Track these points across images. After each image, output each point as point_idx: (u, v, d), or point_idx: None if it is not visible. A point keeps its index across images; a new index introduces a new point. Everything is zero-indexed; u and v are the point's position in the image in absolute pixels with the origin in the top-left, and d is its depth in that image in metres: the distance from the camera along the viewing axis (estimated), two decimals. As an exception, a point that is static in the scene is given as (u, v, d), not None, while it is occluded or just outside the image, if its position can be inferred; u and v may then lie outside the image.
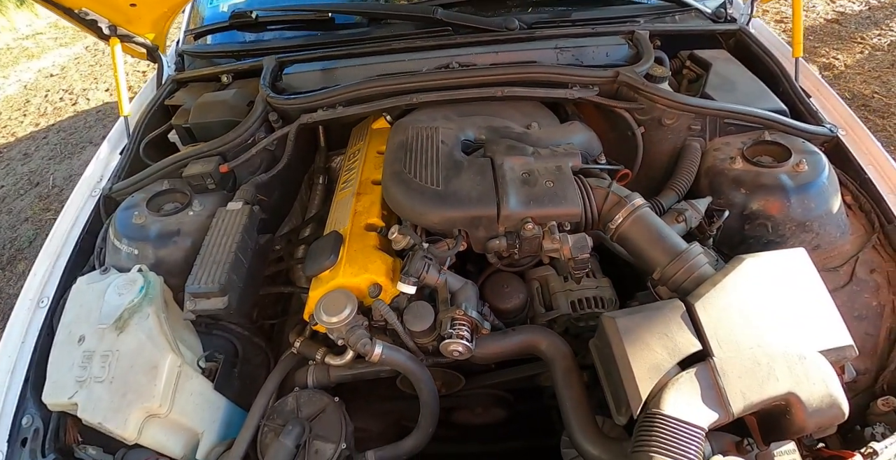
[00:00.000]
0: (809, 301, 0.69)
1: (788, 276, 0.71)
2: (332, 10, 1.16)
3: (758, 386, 0.60)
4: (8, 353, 0.88)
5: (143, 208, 0.96)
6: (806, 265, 0.73)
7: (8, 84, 5.13)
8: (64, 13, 1.12)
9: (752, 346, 0.64)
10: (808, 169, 0.91)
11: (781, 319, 0.67)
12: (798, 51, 1.19)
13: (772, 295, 0.69)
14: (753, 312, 0.67)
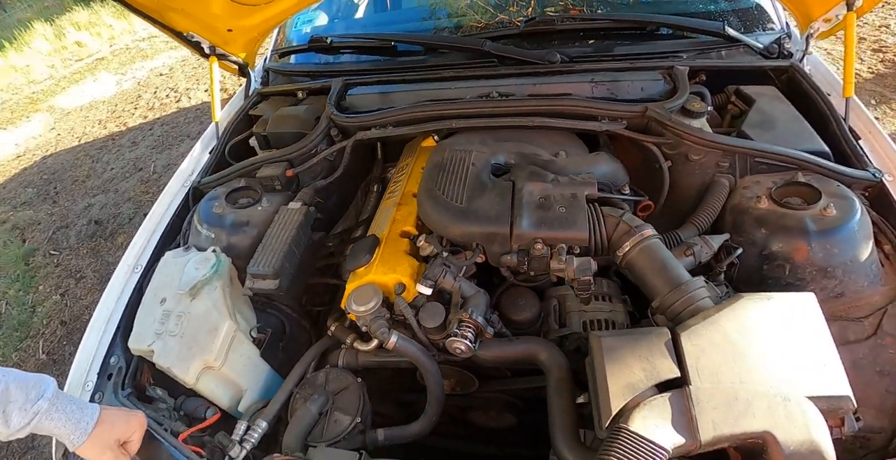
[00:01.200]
0: (808, 346, 0.69)
1: (789, 319, 0.72)
2: (395, 40, 1.32)
3: (732, 420, 0.62)
4: (107, 306, 1.08)
5: (222, 200, 1.16)
6: (812, 310, 0.73)
7: (125, 80, 5.84)
8: (174, 34, 1.35)
9: (733, 381, 0.66)
10: (837, 213, 0.89)
11: (772, 360, 0.68)
12: (849, 91, 1.16)
13: (766, 335, 0.70)
14: (742, 349, 0.68)
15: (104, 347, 1.00)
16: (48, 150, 4.86)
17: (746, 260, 0.95)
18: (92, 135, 4.79)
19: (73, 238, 3.36)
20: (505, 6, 1.66)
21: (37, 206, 3.94)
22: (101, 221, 3.38)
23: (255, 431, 0.88)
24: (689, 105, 1.10)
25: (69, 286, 2.97)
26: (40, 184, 4.27)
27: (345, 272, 1.08)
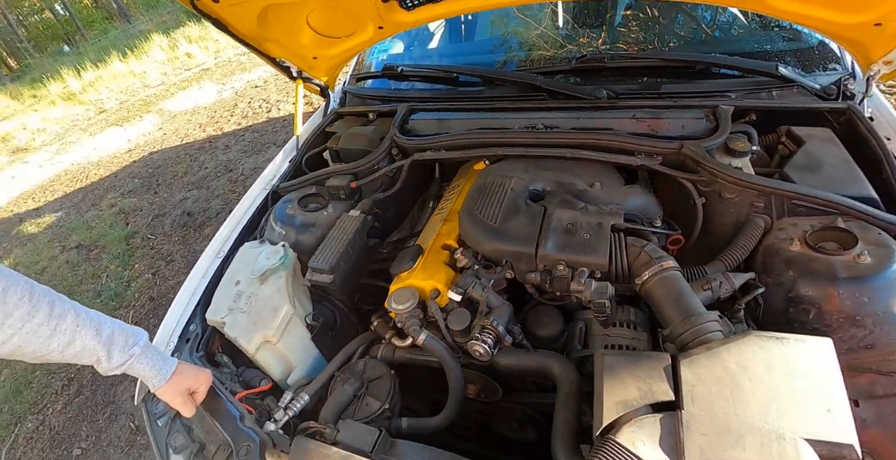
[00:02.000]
0: (815, 390, 0.69)
1: (798, 361, 0.72)
2: (457, 72, 1.46)
3: (719, 449, 0.65)
4: (192, 283, 1.27)
5: (295, 204, 1.33)
6: (825, 355, 0.73)
7: (225, 89, 6.48)
8: (268, 59, 1.56)
9: (727, 412, 0.68)
10: (872, 261, 0.88)
11: (772, 398, 0.68)
12: None
13: (770, 373, 0.71)
14: (741, 383, 0.70)
15: (186, 316, 1.18)
16: (155, 147, 5.49)
17: (773, 301, 0.96)
18: (193, 136, 5.36)
19: (168, 225, 3.80)
20: (574, 37, 1.76)
21: (140, 195, 4.48)
22: (193, 213, 3.79)
23: (299, 402, 1.02)
24: (732, 144, 1.14)
25: (160, 267, 3.36)
26: (145, 176, 4.84)
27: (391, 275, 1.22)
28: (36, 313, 0.78)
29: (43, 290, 0.81)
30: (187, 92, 7.12)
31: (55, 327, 0.80)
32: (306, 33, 1.48)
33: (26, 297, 0.77)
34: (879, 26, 1.13)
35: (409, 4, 1.29)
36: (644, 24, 1.68)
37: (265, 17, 1.38)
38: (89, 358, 0.86)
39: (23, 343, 0.78)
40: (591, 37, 1.72)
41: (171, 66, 9.12)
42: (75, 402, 2.58)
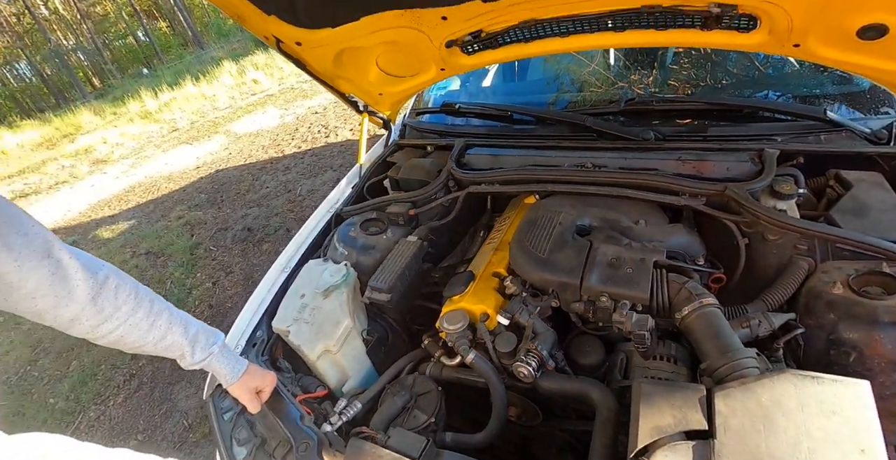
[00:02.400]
0: (849, 430, 0.71)
1: (833, 401, 0.74)
2: (511, 111, 1.57)
3: None
4: (260, 293, 1.39)
5: (357, 227, 1.46)
6: (861, 398, 0.75)
7: (287, 114, 6.91)
8: (338, 94, 1.73)
9: (758, 445, 0.71)
10: None
11: (804, 435, 0.71)
12: None
13: (802, 411, 0.74)
14: (774, 419, 0.73)
15: (254, 323, 1.30)
16: (221, 165, 5.90)
17: (814, 343, 0.99)
18: (256, 157, 5.74)
19: (230, 239, 4.06)
20: (626, 75, 1.85)
21: (206, 209, 4.81)
22: (253, 229, 4.05)
23: (352, 408, 1.11)
24: (778, 187, 1.19)
25: (220, 277, 3.60)
26: (211, 191, 5.20)
27: (444, 298, 1.31)
28: (139, 309, 0.91)
29: (145, 290, 0.95)
30: (252, 115, 7.64)
31: (153, 322, 0.94)
32: (374, 72, 1.64)
33: (132, 295, 0.91)
34: None
35: (469, 50, 1.42)
36: (696, 62, 1.75)
37: (340, 58, 1.55)
38: (176, 352, 0.99)
39: (125, 334, 0.91)
40: (642, 74, 1.80)
41: (239, 90, 9.81)
42: (135, 397, 2.80)
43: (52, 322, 0.85)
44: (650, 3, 1.16)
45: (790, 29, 1.15)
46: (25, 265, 0.76)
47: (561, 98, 1.83)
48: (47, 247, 0.79)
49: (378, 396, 1.18)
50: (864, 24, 1.09)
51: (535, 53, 1.37)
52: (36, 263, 0.77)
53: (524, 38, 1.32)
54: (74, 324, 0.86)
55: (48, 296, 0.80)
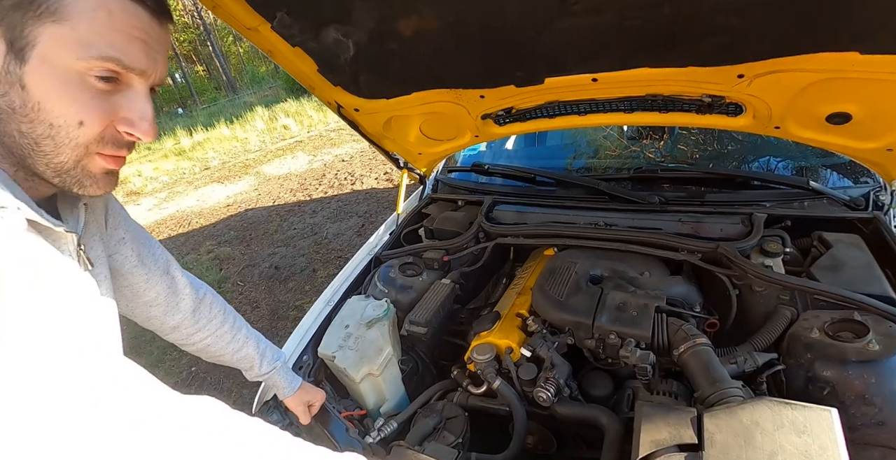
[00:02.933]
0: (817, 447, 0.83)
1: (804, 422, 0.88)
2: (535, 173, 1.82)
3: None
4: (306, 323, 1.55)
5: (396, 269, 1.67)
6: (827, 421, 0.88)
7: (315, 161, 7.31)
8: (383, 151, 1.99)
9: (739, 456, 0.84)
10: (879, 349, 1.04)
11: (779, 449, 0.83)
12: None
13: (779, 430, 0.87)
14: (752, 436, 0.87)
15: (300, 349, 1.46)
16: (250, 205, 6.23)
17: (794, 380, 1.14)
18: (284, 199, 6.07)
19: (257, 276, 4.29)
20: (638, 138, 2.11)
21: (234, 246, 5.07)
22: (280, 268, 4.27)
23: (388, 427, 1.28)
24: (766, 246, 1.38)
25: (246, 311, 3.79)
26: (240, 229, 5.49)
27: (471, 335, 1.49)
28: (225, 323, 1.12)
29: (231, 309, 1.16)
30: (282, 159, 8.09)
31: (234, 336, 1.14)
32: (415, 135, 1.90)
33: (222, 311, 1.12)
34: (892, 151, 1.38)
35: (501, 122, 1.69)
36: (701, 132, 2.01)
37: (389, 123, 1.82)
38: (247, 364, 1.18)
39: (212, 343, 1.11)
40: (653, 138, 2.06)
41: (270, 135, 10.39)
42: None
43: (157, 327, 1.05)
44: (653, 93, 1.42)
45: (770, 115, 1.39)
46: (151, 279, 0.97)
47: (578, 161, 2.08)
48: (167, 266, 1.01)
49: (410, 418, 1.34)
50: (830, 112, 1.32)
51: (557, 127, 1.63)
52: (158, 278, 0.99)
53: (549, 115, 1.58)
54: (175, 330, 1.06)
55: (161, 305, 1.01)
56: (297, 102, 12.01)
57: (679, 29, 1.12)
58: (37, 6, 0.55)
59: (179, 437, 0.54)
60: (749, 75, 1.25)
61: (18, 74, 0.56)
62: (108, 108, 0.61)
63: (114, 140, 0.64)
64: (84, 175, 0.64)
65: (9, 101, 0.57)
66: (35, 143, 0.59)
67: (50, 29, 0.56)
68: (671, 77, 1.31)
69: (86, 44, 0.57)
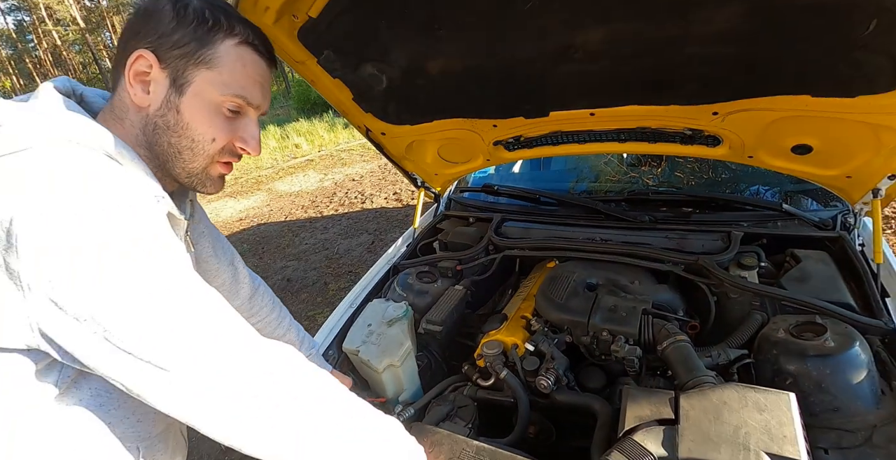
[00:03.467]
0: (776, 421, 0.98)
1: (765, 402, 1.03)
2: (539, 194, 2.04)
3: (703, 451, 0.97)
4: (331, 322, 1.72)
5: (413, 276, 1.86)
6: (786, 401, 1.03)
7: (326, 179, 7.56)
8: (402, 171, 2.21)
9: (709, 429, 1.00)
10: (833, 345, 1.20)
11: (744, 423, 0.97)
12: (878, 258, 1.51)
13: (744, 408, 1.01)
14: (720, 413, 1.02)
15: (326, 345, 1.63)
16: (262, 220, 6.45)
17: (763, 373, 1.29)
18: (295, 215, 6.30)
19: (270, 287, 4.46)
20: (637, 165, 2.33)
21: (247, 258, 5.26)
22: (292, 280, 4.46)
23: (406, 413, 1.44)
24: (742, 260, 1.58)
25: (260, 323, 3.95)
26: (253, 242, 5.68)
27: (479, 336, 1.67)
28: (273, 311, 1.32)
29: (277, 299, 1.35)
30: (293, 177, 8.36)
31: (279, 323, 1.33)
32: (433, 157, 2.13)
33: (272, 300, 1.31)
34: (851, 178, 1.59)
35: (511, 148, 1.91)
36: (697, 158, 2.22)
37: (410, 146, 2.04)
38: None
39: (261, 328, 1.30)
40: (651, 165, 2.28)
41: (282, 153, 10.70)
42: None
43: None
44: (643, 125, 1.64)
45: (743, 146, 1.61)
46: (220, 268, 1.18)
47: (580, 184, 2.30)
48: (232, 258, 1.22)
49: (425, 407, 1.52)
50: (794, 144, 1.54)
51: (560, 153, 1.86)
52: (225, 268, 1.20)
53: (553, 143, 1.80)
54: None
55: (225, 291, 1.21)
56: (309, 122, 12.38)
57: (661, 76, 1.35)
58: (198, 57, 0.78)
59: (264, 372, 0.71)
60: (722, 113, 1.47)
61: (176, 103, 0.80)
62: (231, 129, 0.85)
63: (231, 152, 0.88)
64: (206, 177, 0.87)
65: (166, 120, 0.80)
66: (178, 152, 0.82)
67: (203, 73, 0.79)
68: (657, 113, 1.54)
69: (226, 85, 0.81)
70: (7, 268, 0.60)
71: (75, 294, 0.60)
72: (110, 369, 0.64)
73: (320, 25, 1.36)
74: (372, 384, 1.64)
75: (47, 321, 0.61)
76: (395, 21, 1.35)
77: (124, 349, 0.62)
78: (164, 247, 0.68)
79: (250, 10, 1.24)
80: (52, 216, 0.59)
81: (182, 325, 0.65)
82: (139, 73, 0.78)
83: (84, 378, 0.72)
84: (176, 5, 0.78)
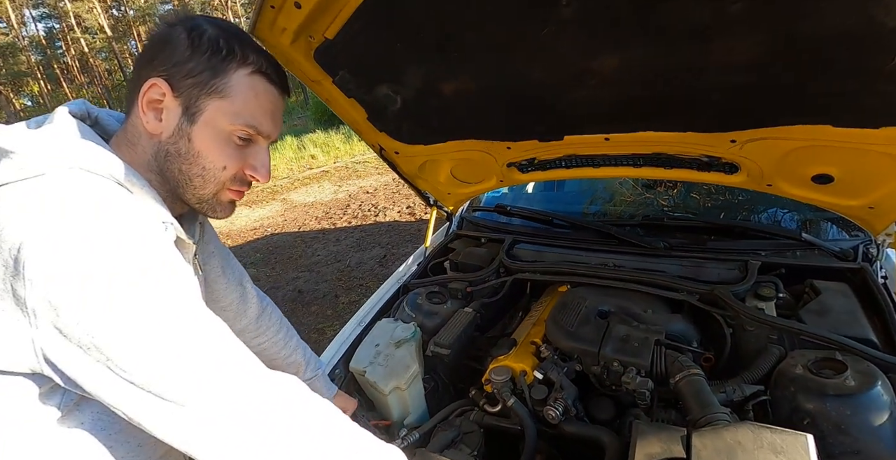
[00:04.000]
0: None
1: (782, 443, 0.99)
2: (552, 217, 2.02)
3: None
4: (339, 341, 1.71)
5: (423, 297, 1.85)
6: (802, 445, 0.99)
7: (341, 191, 7.62)
8: (415, 189, 2.21)
9: None
10: (854, 384, 1.15)
11: None
12: None
13: (759, 449, 0.98)
14: (735, 452, 0.98)
15: (332, 363, 1.62)
16: (276, 230, 6.51)
17: (780, 411, 1.25)
18: (309, 226, 6.34)
19: (280, 298, 4.48)
20: (653, 186, 2.30)
21: (259, 267, 5.30)
22: (303, 291, 4.47)
23: (411, 437, 1.42)
24: (760, 290, 1.54)
25: (270, 334, 3.96)
26: (266, 252, 5.73)
27: (488, 359, 1.65)
28: (280, 330, 1.31)
29: (285, 319, 1.35)
30: (308, 187, 8.45)
31: (286, 343, 1.32)
32: (446, 177, 2.13)
33: (279, 320, 1.31)
34: (873, 209, 1.54)
35: (524, 170, 1.90)
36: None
37: (423, 165, 2.04)
38: (294, 369, 1.36)
39: (267, 348, 1.30)
40: (667, 186, 2.25)
41: (297, 163, 10.83)
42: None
43: None
44: (658, 151, 1.62)
45: (762, 174, 1.58)
46: (228, 288, 1.18)
47: (594, 206, 2.28)
48: (241, 278, 1.22)
49: (430, 432, 1.49)
50: (814, 173, 1.51)
51: (573, 176, 1.84)
52: (233, 288, 1.20)
53: (566, 166, 1.79)
54: (239, 334, 1.23)
55: (232, 310, 1.21)
56: (325, 134, 12.52)
57: (678, 104, 1.34)
58: (210, 86, 0.79)
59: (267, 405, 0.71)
60: (740, 140, 1.45)
61: (188, 131, 0.80)
62: (241, 157, 0.85)
63: (241, 180, 0.88)
64: (217, 203, 0.88)
65: (177, 148, 0.81)
66: (189, 179, 0.83)
67: (215, 102, 0.80)
68: (673, 140, 1.52)
69: (237, 114, 0.81)
70: (14, 295, 0.60)
71: (80, 322, 0.60)
72: (112, 397, 0.64)
73: (336, 46, 1.37)
74: (377, 405, 1.62)
75: (52, 348, 0.61)
76: (410, 43, 1.36)
77: (127, 379, 0.62)
78: (171, 275, 0.68)
79: (267, 32, 1.26)
80: (62, 244, 0.60)
81: (187, 357, 0.64)
82: (152, 101, 0.79)
83: (86, 402, 0.72)
84: (191, 34, 0.79)
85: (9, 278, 0.60)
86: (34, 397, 0.68)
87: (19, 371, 0.65)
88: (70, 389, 0.67)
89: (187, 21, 0.81)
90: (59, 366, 0.63)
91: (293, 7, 1.18)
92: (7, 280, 0.60)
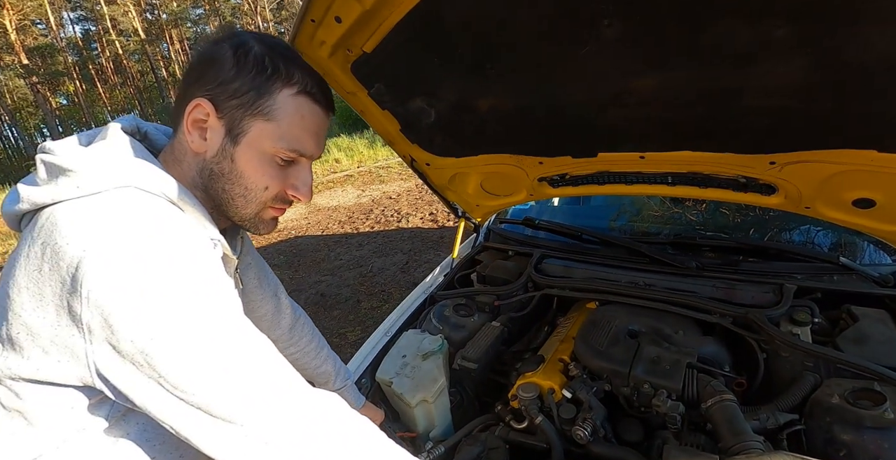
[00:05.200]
0: None
1: None
2: (583, 233, 2.01)
3: None
4: (365, 351, 1.74)
5: (450, 309, 1.86)
6: None
7: (364, 196, 7.70)
8: (444, 201, 2.22)
9: None
10: (893, 417, 1.13)
11: None
12: None
13: None
14: None
15: (359, 373, 1.65)
16: (300, 233, 6.60)
17: (814, 441, 1.23)
18: (332, 230, 6.42)
19: (302, 301, 4.53)
20: (681, 201, 2.28)
21: (283, 270, 5.37)
22: (326, 295, 4.52)
23: (437, 450, 1.43)
24: (795, 315, 1.50)
25: (292, 337, 4.01)
26: (289, 254, 5.81)
27: (514, 375, 1.65)
28: (312, 341, 1.33)
29: (317, 330, 1.37)
30: (332, 191, 8.55)
31: (317, 353, 1.34)
32: (475, 189, 2.14)
33: (311, 331, 1.33)
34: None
35: (555, 185, 1.90)
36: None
37: (454, 177, 2.06)
38: (324, 379, 1.38)
39: (299, 357, 1.32)
40: (695, 201, 2.22)
41: (322, 167, 10.98)
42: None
43: None
44: (694, 171, 1.61)
45: (801, 197, 1.55)
46: (264, 299, 1.21)
47: (621, 218, 2.26)
48: (276, 289, 1.25)
49: (455, 446, 1.50)
50: (855, 198, 1.47)
51: (605, 193, 1.83)
52: (269, 299, 1.23)
53: (599, 182, 1.78)
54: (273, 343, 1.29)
55: (267, 321, 1.24)
56: (350, 138, 12.67)
57: (716, 125, 1.33)
58: (255, 108, 0.81)
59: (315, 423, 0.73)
60: (780, 163, 1.43)
61: (231, 152, 0.82)
62: (283, 178, 0.87)
63: (282, 199, 0.90)
64: (259, 221, 0.90)
65: (221, 168, 0.83)
66: (232, 198, 0.85)
67: (260, 124, 0.82)
68: (710, 160, 1.50)
69: (282, 137, 0.83)
70: (70, 311, 0.63)
71: (134, 340, 0.62)
72: (161, 413, 0.66)
73: (374, 60, 1.39)
74: (403, 417, 1.64)
75: (105, 363, 0.64)
76: (447, 60, 1.38)
77: (178, 396, 0.64)
78: (221, 294, 0.71)
79: (307, 45, 1.28)
80: (117, 263, 0.63)
81: (238, 376, 0.66)
82: (197, 121, 0.81)
83: (133, 413, 0.75)
84: (237, 52, 0.80)
85: (66, 295, 0.62)
86: (83, 407, 0.71)
87: (71, 383, 0.68)
88: (119, 402, 0.70)
89: (234, 38, 0.82)
90: (110, 381, 0.65)
91: (333, 21, 1.21)
92: (64, 296, 0.63)
